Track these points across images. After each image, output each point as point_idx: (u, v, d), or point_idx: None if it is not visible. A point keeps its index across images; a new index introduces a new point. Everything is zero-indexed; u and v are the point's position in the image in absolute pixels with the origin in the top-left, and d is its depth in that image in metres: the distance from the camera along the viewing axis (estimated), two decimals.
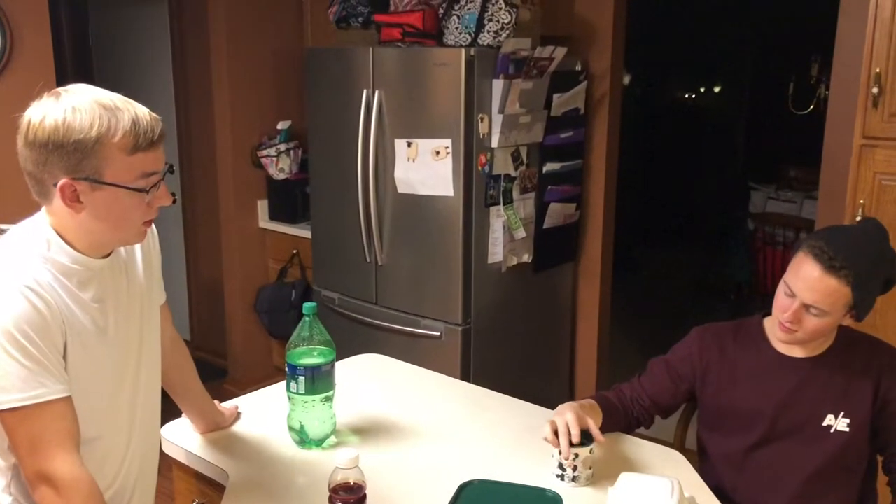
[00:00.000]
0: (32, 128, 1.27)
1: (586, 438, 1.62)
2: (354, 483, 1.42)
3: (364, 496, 1.42)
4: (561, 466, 1.61)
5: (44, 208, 1.37)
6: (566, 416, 1.63)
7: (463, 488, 1.53)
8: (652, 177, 6.91)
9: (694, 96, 7.41)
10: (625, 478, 1.48)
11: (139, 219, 1.37)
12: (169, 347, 1.68)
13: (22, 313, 1.25)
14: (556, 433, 1.61)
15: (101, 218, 1.33)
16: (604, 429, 1.74)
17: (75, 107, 1.27)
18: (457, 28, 2.99)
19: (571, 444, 1.58)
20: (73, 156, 1.26)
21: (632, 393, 1.90)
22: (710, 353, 1.86)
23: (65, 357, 1.31)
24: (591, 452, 1.61)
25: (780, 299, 1.71)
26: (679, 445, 2.05)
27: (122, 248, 1.47)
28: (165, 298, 1.65)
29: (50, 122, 1.26)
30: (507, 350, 3.29)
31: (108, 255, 1.42)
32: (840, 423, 1.71)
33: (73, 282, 1.34)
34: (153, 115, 1.34)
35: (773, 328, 1.78)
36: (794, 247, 1.72)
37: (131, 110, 1.30)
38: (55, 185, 1.29)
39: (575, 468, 1.60)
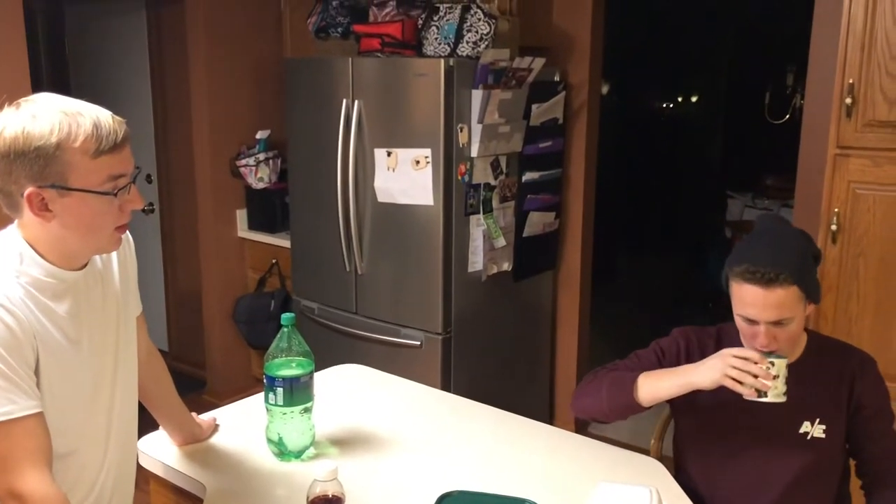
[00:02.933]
0: None
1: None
2: (333, 495, 1.41)
3: None
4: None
5: (16, 221, 1.35)
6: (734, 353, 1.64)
7: (442, 499, 1.53)
8: (630, 186, 6.95)
9: (671, 106, 7.47)
10: (603, 487, 1.48)
11: (111, 224, 1.35)
12: (145, 359, 1.66)
13: None
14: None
15: (72, 226, 1.31)
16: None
17: (35, 114, 1.26)
18: (436, 38, 3.00)
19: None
20: (36, 163, 1.25)
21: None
22: (692, 355, 1.84)
23: (37, 373, 1.30)
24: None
25: (745, 330, 1.71)
26: (656, 454, 2.06)
27: (97, 259, 1.45)
28: (142, 309, 1.63)
29: (10, 133, 1.25)
30: (488, 358, 3.29)
31: (83, 266, 1.40)
32: (816, 430, 1.73)
33: (47, 295, 1.33)
34: (117, 118, 1.32)
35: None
36: (722, 277, 1.73)
37: (92, 114, 1.29)
38: (22, 195, 1.27)
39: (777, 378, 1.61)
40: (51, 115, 1.26)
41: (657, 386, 1.73)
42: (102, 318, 1.44)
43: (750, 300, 1.64)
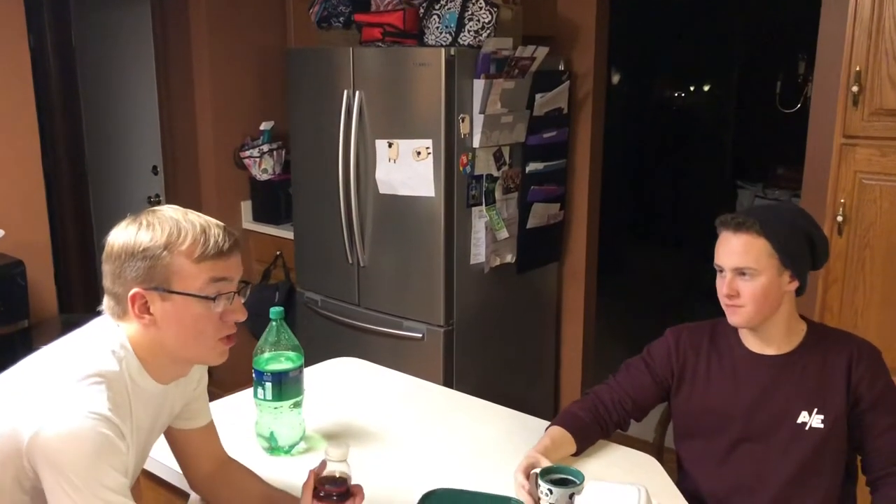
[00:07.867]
0: (109, 245, 1.32)
1: (574, 476, 1.49)
2: (340, 476, 1.37)
3: (347, 489, 1.36)
4: None
5: (115, 322, 1.35)
6: (517, 475, 1.56)
7: (426, 498, 1.50)
8: (639, 176, 6.89)
9: (682, 95, 7.39)
10: (590, 486, 1.44)
11: (212, 333, 1.35)
12: (216, 469, 1.58)
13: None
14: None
15: (171, 332, 1.32)
16: (580, 451, 1.75)
17: (149, 221, 1.31)
18: (437, 28, 2.96)
19: (558, 483, 1.48)
20: (143, 264, 1.28)
21: (612, 397, 1.85)
22: (685, 353, 1.84)
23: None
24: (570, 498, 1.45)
25: (718, 285, 1.75)
26: (658, 447, 2.04)
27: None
28: (210, 419, 1.59)
29: (123, 237, 1.31)
30: (491, 351, 3.26)
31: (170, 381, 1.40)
32: (815, 420, 1.69)
33: (137, 405, 1.33)
34: (228, 228, 1.36)
35: (745, 332, 1.79)
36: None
37: (203, 222, 1.34)
38: (128, 297, 1.30)
39: None
40: (162, 221, 1.31)
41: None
42: (151, 432, 1.43)
43: (722, 246, 1.72)
